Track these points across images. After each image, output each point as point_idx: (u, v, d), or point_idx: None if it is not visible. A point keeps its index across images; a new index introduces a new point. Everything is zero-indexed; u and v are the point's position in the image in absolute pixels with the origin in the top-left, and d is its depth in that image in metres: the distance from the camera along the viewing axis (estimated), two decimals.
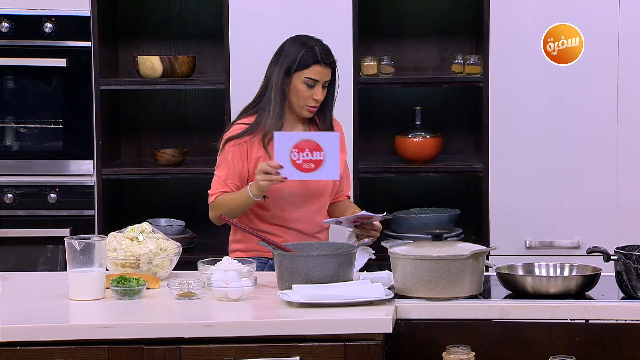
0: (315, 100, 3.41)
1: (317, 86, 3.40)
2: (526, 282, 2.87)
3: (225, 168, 3.43)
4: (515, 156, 4.20)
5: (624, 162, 4.14)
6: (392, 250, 2.92)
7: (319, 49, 3.41)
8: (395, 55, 4.44)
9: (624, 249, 2.88)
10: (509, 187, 4.20)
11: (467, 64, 4.27)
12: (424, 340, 2.78)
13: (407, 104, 4.50)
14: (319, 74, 3.39)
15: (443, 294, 2.83)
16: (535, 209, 4.19)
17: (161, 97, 4.67)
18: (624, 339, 2.73)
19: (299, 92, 3.40)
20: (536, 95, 4.16)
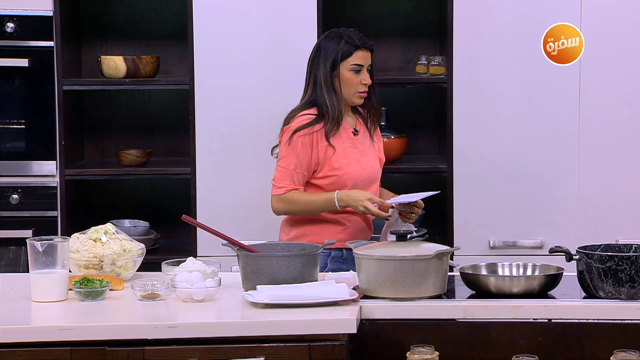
0: (364, 84, 3.53)
1: (363, 71, 3.53)
2: (489, 282, 2.89)
3: (294, 158, 3.48)
4: (479, 156, 4.22)
5: (586, 163, 4.18)
6: (357, 251, 2.92)
7: (355, 36, 3.54)
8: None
9: (586, 248, 2.90)
10: (473, 187, 4.22)
11: (432, 65, 4.29)
12: (388, 340, 2.78)
13: None
14: (362, 58, 3.51)
15: (407, 294, 2.83)
16: (499, 209, 4.21)
17: (125, 98, 4.65)
18: (586, 338, 2.75)
19: (348, 80, 3.51)
20: (500, 96, 4.19)
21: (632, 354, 2.56)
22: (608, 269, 2.78)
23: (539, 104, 4.19)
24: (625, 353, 2.56)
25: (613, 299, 2.78)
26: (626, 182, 4.18)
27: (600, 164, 4.19)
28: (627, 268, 2.76)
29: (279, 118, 4.23)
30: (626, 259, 2.77)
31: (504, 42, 4.17)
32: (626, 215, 4.18)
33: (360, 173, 3.54)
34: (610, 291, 2.78)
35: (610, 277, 2.77)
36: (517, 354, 2.62)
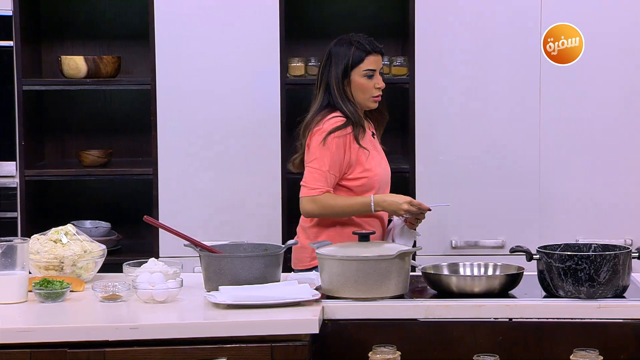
0: (378, 88, 3.55)
1: (376, 75, 3.55)
2: (451, 282, 2.90)
3: (329, 159, 3.45)
4: (442, 157, 4.24)
5: (546, 163, 4.21)
6: (319, 251, 2.92)
7: (365, 41, 3.55)
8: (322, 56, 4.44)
9: (546, 248, 2.93)
10: (435, 187, 4.24)
11: (394, 66, 4.30)
12: (350, 340, 2.79)
13: None
14: (374, 63, 3.54)
15: (370, 294, 2.84)
16: (461, 210, 4.23)
17: (86, 98, 4.61)
18: (546, 337, 2.77)
19: (362, 86, 3.52)
20: (461, 96, 4.21)
21: (592, 352, 2.58)
22: (568, 269, 2.80)
23: (499, 104, 4.21)
24: (584, 352, 2.59)
25: (573, 298, 2.81)
26: (586, 182, 4.21)
27: (560, 164, 4.22)
28: (587, 267, 2.79)
29: (241, 118, 4.24)
30: (585, 259, 2.79)
31: (465, 43, 4.19)
32: (586, 215, 4.21)
33: (383, 175, 3.57)
34: (570, 290, 2.81)
35: (570, 276, 2.80)
36: (478, 353, 2.64)
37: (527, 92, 4.19)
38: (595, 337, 2.73)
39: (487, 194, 4.23)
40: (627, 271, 2.83)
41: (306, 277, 3.05)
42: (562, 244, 2.98)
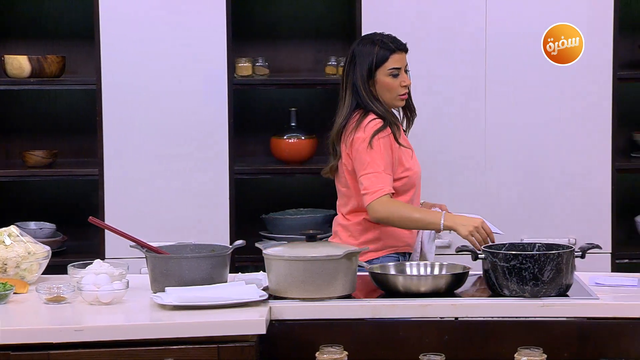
0: (405, 86, 3.52)
1: (401, 73, 3.51)
2: (398, 282, 2.92)
3: (381, 160, 3.40)
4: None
5: (492, 163, 4.24)
6: (266, 252, 2.92)
7: (389, 40, 3.51)
8: (270, 57, 4.45)
9: (491, 247, 2.95)
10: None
11: (341, 66, 4.30)
12: (298, 341, 2.79)
13: (282, 105, 4.51)
14: (398, 61, 3.50)
15: (317, 294, 2.84)
16: None
17: (30, 98, 4.56)
18: (491, 336, 2.79)
19: (387, 85, 3.49)
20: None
21: (536, 351, 2.61)
22: (512, 268, 2.83)
23: (446, 103, 4.24)
24: (528, 350, 2.61)
25: (517, 297, 2.83)
26: (530, 183, 4.26)
27: (506, 164, 4.26)
28: (531, 267, 2.81)
29: (188, 119, 4.22)
30: (530, 258, 2.82)
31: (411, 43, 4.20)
32: (530, 215, 4.26)
33: (419, 171, 3.54)
34: (515, 289, 2.84)
35: (515, 275, 2.83)
36: (424, 352, 2.65)
37: (472, 93, 4.23)
38: (539, 336, 2.76)
39: (433, 194, 4.25)
40: (571, 270, 2.86)
41: (253, 277, 3.04)
42: (506, 243, 3.00)
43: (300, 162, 4.39)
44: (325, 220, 4.39)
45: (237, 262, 4.16)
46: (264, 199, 4.60)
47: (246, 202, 4.49)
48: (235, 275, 3.09)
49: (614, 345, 2.75)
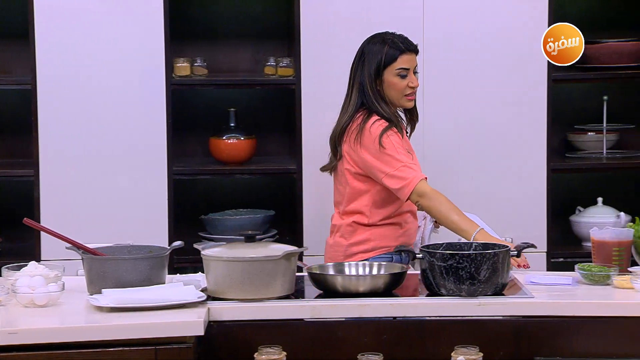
0: (412, 87, 3.50)
1: (410, 74, 3.50)
2: (336, 282, 2.92)
3: (398, 154, 3.38)
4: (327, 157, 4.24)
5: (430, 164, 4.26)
6: (205, 253, 2.91)
7: (399, 39, 3.50)
8: (208, 57, 4.43)
9: (429, 247, 2.98)
10: (321, 187, 4.23)
11: (280, 66, 4.31)
12: (236, 342, 2.78)
13: (221, 105, 4.50)
14: (407, 62, 3.50)
15: (256, 294, 2.84)
16: None
17: None
18: (428, 335, 2.81)
19: (394, 85, 3.48)
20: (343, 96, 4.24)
21: (472, 349, 2.64)
22: (449, 267, 2.85)
23: None
24: (465, 349, 2.64)
25: (454, 296, 2.86)
26: (466, 183, 4.30)
27: (443, 164, 4.29)
28: (468, 266, 2.84)
29: (126, 119, 4.18)
30: (466, 257, 2.85)
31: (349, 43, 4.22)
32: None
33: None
34: (452, 288, 2.86)
35: (452, 274, 2.85)
36: (362, 352, 2.66)
37: None
38: (476, 334, 2.79)
39: None
40: (506, 269, 2.90)
41: (192, 279, 3.03)
42: (444, 243, 3.03)
43: (239, 162, 4.38)
44: (264, 221, 4.38)
45: (175, 264, 4.13)
46: (203, 199, 4.58)
47: (185, 203, 4.46)
48: (174, 277, 3.07)
49: (549, 344, 2.79)
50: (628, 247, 3.15)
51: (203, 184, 4.59)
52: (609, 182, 4.65)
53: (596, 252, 3.18)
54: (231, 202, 4.55)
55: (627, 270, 3.07)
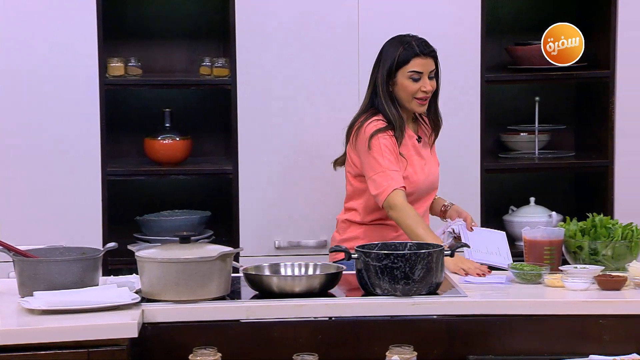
0: (424, 92, 3.47)
1: (423, 78, 3.47)
2: (272, 282, 2.93)
3: (382, 159, 3.38)
4: (264, 158, 4.26)
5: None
6: (139, 254, 2.89)
7: (415, 42, 3.48)
8: (143, 57, 4.39)
9: (364, 247, 2.99)
10: (258, 188, 4.26)
11: (215, 67, 4.29)
12: (171, 343, 2.77)
13: (156, 105, 4.46)
14: (421, 65, 3.47)
15: (191, 296, 2.83)
16: (284, 210, 4.27)
17: None
18: (364, 335, 2.83)
19: (406, 87, 3.46)
20: (282, 97, 4.24)
21: (406, 348, 2.66)
22: (384, 267, 2.87)
23: (319, 105, 4.26)
24: (399, 348, 2.66)
25: (389, 296, 2.88)
26: None
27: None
28: (402, 266, 2.86)
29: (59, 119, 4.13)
30: (401, 257, 2.87)
31: (285, 43, 4.23)
32: None
33: (424, 182, 3.51)
34: (387, 288, 2.88)
35: (387, 274, 2.87)
36: (298, 352, 2.67)
37: (345, 93, 4.26)
38: (410, 334, 2.81)
39: (310, 194, 4.28)
40: (440, 268, 2.92)
41: (126, 280, 3.00)
42: (379, 242, 3.05)
43: (175, 163, 4.35)
44: (200, 222, 4.36)
45: (110, 265, 4.09)
46: (138, 200, 4.55)
47: (120, 204, 4.42)
48: (107, 278, 3.05)
49: (482, 342, 2.83)
50: (559, 246, 3.21)
51: (138, 184, 4.55)
52: (541, 182, 4.73)
53: (528, 252, 3.23)
54: (167, 203, 4.52)
55: (558, 269, 3.12)
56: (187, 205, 4.53)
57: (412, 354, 2.65)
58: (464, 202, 4.28)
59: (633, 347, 2.81)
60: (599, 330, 2.82)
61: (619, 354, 2.77)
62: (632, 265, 3.06)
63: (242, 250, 3.16)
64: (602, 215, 3.27)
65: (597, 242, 3.15)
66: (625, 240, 3.15)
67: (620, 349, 2.80)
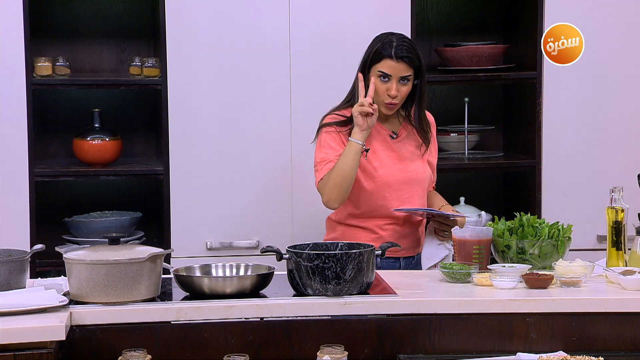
0: (390, 96, 3.40)
1: (392, 81, 3.41)
2: (203, 284, 2.91)
3: (321, 152, 3.40)
4: (195, 158, 4.24)
5: (297, 165, 4.30)
6: (67, 256, 2.85)
7: (396, 43, 3.41)
8: (71, 56, 4.34)
9: (295, 247, 2.99)
10: (189, 189, 4.23)
11: (145, 67, 4.26)
12: (100, 346, 2.74)
13: (85, 106, 4.41)
14: (390, 68, 3.40)
15: (120, 298, 2.80)
16: (216, 211, 4.25)
17: None
18: (295, 335, 2.83)
19: (376, 85, 3.40)
20: (214, 97, 4.23)
21: (337, 348, 2.67)
22: (315, 267, 2.88)
23: (251, 104, 4.26)
24: (330, 348, 2.67)
25: (320, 296, 2.89)
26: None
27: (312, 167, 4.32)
28: (333, 266, 2.87)
29: None
30: (332, 257, 2.88)
31: (215, 43, 4.22)
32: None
33: (397, 176, 3.46)
34: (318, 288, 2.89)
35: (318, 274, 2.88)
36: (229, 353, 2.66)
37: (278, 93, 4.27)
38: (341, 333, 2.82)
39: (242, 194, 4.28)
40: (371, 268, 2.94)
41: (53, 282, 2.96)
42: (311, 243, 3.06)
43: (104, 163, 4.31)
44: (131, 223, 4.32)
45: (38, 267, 4.03)
46: (67, 201, 4.49)
47: (48, 205, 4.36)
48: (35, 281, 3.00)
49: (412, 341, 2.85)
50: (488, 245, 3.24)
51: (67, 185, 4.49)
52: (470, 181, 4.78)
53: (457, 251, 3.26)
54: (96, 204, 4.48)
55: (486, 268, 3.15)
56: (117, 206, 4.49)
57: (343, 354, 2.66)
58: None
59: (559, 345, 2.86)
60: (526, 328, 2.87)
61: (546, 351, 2.82)
62: (558, 263, 3.11)
63: (173, 251, 3.13)
64: (530, 214, 3.32)
65: (525, 241, 3.20)
66: (552, 239, 3.20)
67: (547, 347, 2.85)
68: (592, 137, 4.40)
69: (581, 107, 4.39)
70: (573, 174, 4.40)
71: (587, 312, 2.88)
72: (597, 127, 4.40)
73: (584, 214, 4.29)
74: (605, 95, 4.39)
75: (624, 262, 3.18)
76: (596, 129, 4.40)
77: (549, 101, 4.39)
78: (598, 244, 4.33)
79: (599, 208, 3.31)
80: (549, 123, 4.40)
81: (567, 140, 4.40)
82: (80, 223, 4.28)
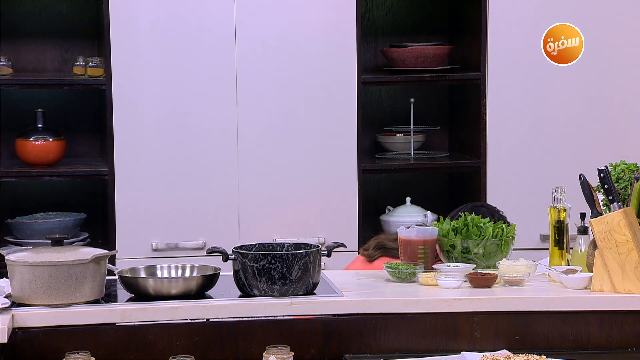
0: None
1: None
2: (148, 285, 2.89)
3: None
4: (141, 159, 4.21)
5: (244, 165, 4.29)
6: (9, 257, 2.82)
7: None
8: (13, 56, 4.29)
9: (242, 248, 2.98)
10: (134, 189, 4.20)
11: (89, 67, 4.22)
12: (43, 348, 2.71)
13: (28, 106, 4.36)
14: None
15: (63, 299, 2.77)
16: (161, 211, 4.23)
17: None
18: (241, 336, 2.82)
19: None
20: (159, 97, 4.20)
21: (283, 348, 2.67)
22: (262, 268, 2.87)
23: (196, 105, 4.24)
24: (276, 348, 2.67)
25: (266, 297, 2.88)
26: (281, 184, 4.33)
27: (259, 166, 4.32)
28: (280, 266, 2.87)
29: None
30: (278, 257, 2.87)
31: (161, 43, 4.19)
32: (281, 216, 4.34)
33: None
34: (264, 289, 2.88)
35: (264, 275, 2.87)
36: (174, 355, 2.64)
37: (224, 93, 4.25)
38: (288, 334, 2.82)
39: (187, 195, 4.25)
40: (317, 268, 2.94)
41: None
42: (257, 243, 3.05)
43: (48, 164, 4.26)
44: (75, 224, 4.28)
45: None
46: (10, 203, 4.43)
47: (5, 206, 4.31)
48: None
49: (357, 341, 2.86)
50: (433, 245, 3.26)
51: (9, 186, 4.43)
52: (416, 182, 4.81)
53: (403, 250, 3.27)
54: (40, 205, 4.42)
55: (432, 267, 3.17)
56: (61, 207, 4.44)
57: (289, 354, 2.66)
58: (341, 202, 4.34)
59: (503, 344, 2.88)
60: (471, 327, 2.89)
61: (490, 350, 2.84)
62: (502, 263, 3.13)
63: (118, 252, 3.12)
64: (474, 214, 3.34)
65: (469, 240, 3.22)
66: (496, 239, 3.23)
67: (491, 346, 2.87)
68: (535, 138, 4.45)
69: (525, 107, 4.44)
70: (517, 174, 4.45)
71: (530, 311, 2.91)
72: (541, 128, 4.45)
73: (527, 213, 4.34)
74: (548, 96, 4.44)
75: (566, 261, 3.22)
76: (539, 130, 4.45)
77: (494, 102, 4.43)
78: (541, 243, 4.38)
79: (542, 208, 3.35)
80: (493, 123, 4.44)
81: (511, 140, 4.45)
82: (24, 224, 4.23)
